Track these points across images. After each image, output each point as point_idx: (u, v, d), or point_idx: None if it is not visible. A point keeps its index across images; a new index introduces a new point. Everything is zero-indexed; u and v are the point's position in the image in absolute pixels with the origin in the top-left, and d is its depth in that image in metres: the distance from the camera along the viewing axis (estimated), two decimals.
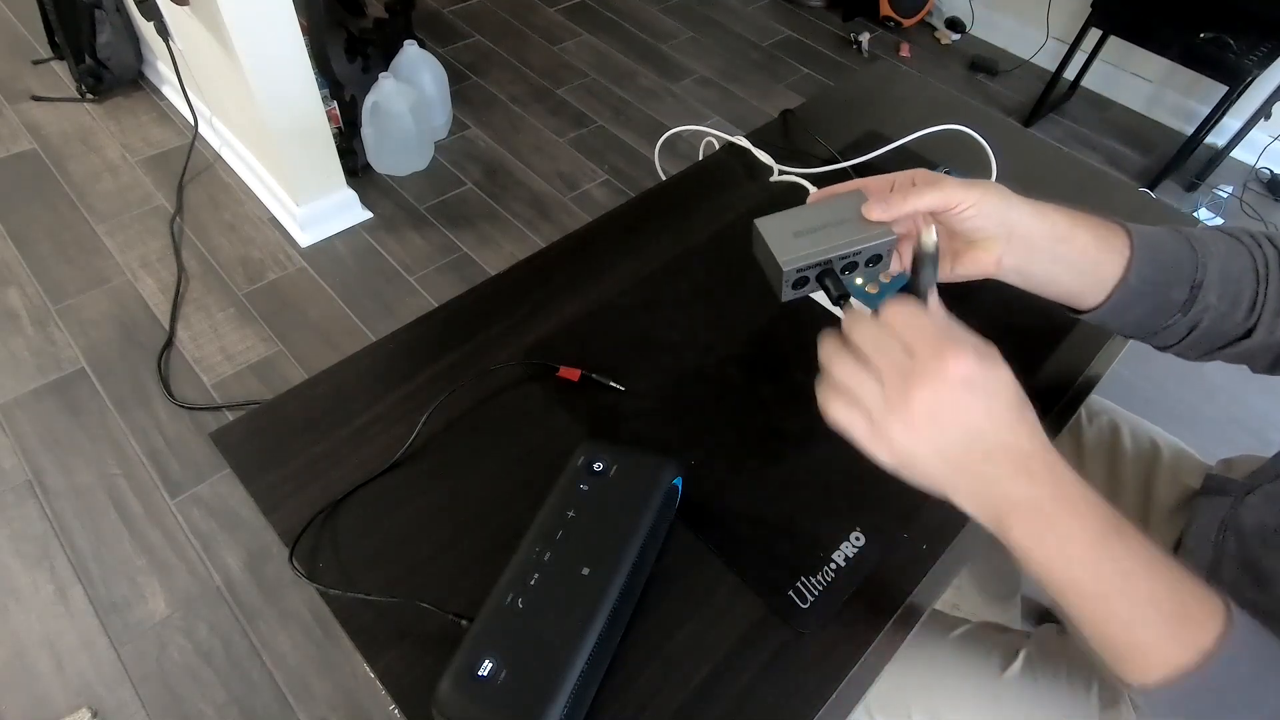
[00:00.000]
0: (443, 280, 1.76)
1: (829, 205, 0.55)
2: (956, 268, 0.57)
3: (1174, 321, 0.56)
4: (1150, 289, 0.55)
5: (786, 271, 0.53)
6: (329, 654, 1.20)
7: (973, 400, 0.41)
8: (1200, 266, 0.55)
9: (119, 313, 1.61)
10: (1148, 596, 0.42)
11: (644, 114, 2.27)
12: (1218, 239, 0.56)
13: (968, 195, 0.52)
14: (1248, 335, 0.56)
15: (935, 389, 0.41)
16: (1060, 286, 0.56)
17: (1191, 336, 0.57)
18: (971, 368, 0.41)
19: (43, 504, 1.33)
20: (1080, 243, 0.54)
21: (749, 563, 0.56)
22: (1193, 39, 1.97)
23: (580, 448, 0.56)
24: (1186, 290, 0.55)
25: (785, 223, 0.54)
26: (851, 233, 0.53)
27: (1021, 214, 0.53)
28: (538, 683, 0.44)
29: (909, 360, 0.41)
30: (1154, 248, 0.54)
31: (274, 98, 1.57)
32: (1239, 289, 0.55)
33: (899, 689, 0.68)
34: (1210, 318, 0.55)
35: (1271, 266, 0.55)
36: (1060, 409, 0.71)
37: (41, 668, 1.16)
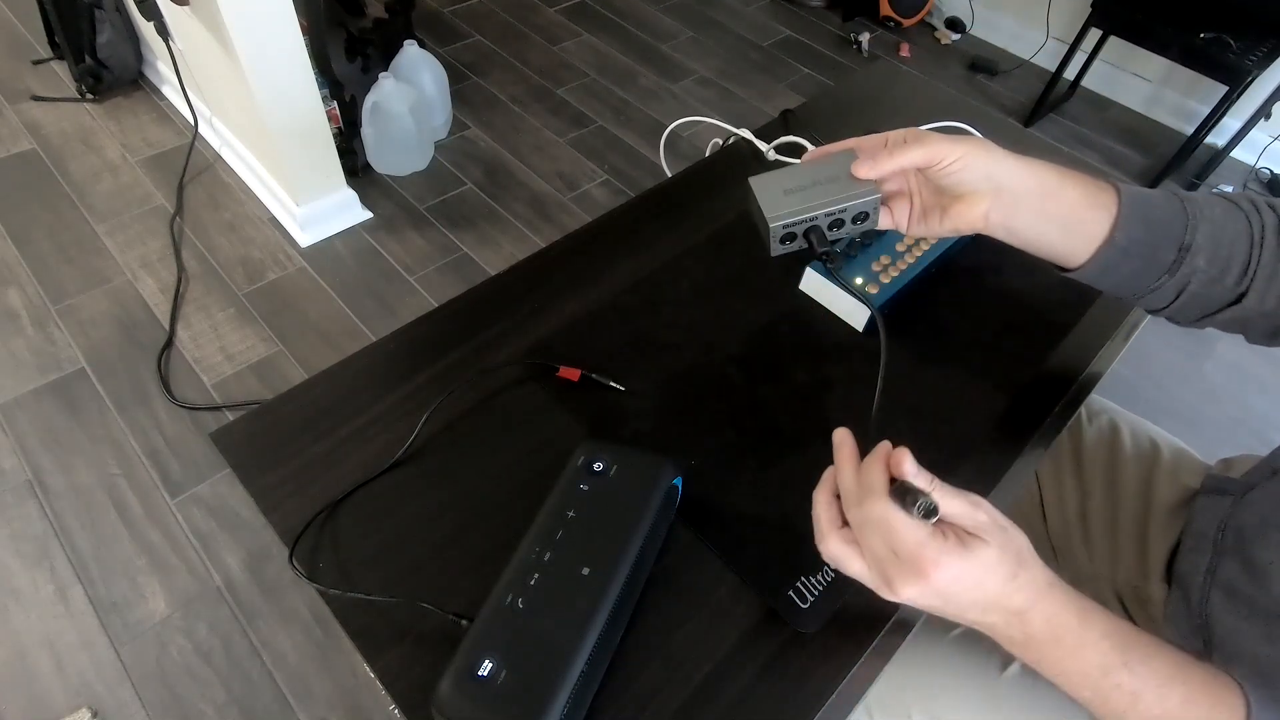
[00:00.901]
0: (443, 280, 1.76)
1: (822, 164, 0.56)
2: (944, 222, 0.57)
3: (1161, 283, 0.56)
4: (1137, 249, 0.55)
5: (774, 228, 0.55)
6: (329, 654, 1.20)
7: (966, 594, 0.44)
8: (1190, 229, 0.54)
9: (119, 313, 1.61)
10: (1160, 714, 0.44)
11: (644, 114, 2.27)
12: (1215, 204, 0.56)
13: (954, 150, 0.52)
14: (1238, 301, 0.56)
15: (920, 590, 0.44)
16: (1047, 243, 0.56)
17: (1180, 299, 0.57)
18: (954, 573, 0.43)
19: (43, 504, 1.33)
20: (1067, 199, 0.54)
21: (749, 563, 0.56)
22: (1193, 39, 1.97)
23: (580, 448, 0.56)
24: (1174, 252, 0.55)
25: (777, 181, 0.56)
26: (838, 190, 0.54)
27: (1008, 169, 0.54)
28: (538, 683, 0.44)
29: (895, 559, 0.44)
30: (1144, 208, 0.54)
31: (274, 98, 1.57)
32: (1231, 254, 0.55)
33: (898, 689, 0.68)
34: (1199, 281, 0.55)
35: (1268, 233, 0.55)
36: (1061, 408, 0.71)
37: (41, 668, 1.16)
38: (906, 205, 0.59)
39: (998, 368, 0.71)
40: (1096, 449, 0.84)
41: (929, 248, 0.76)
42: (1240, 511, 0.63)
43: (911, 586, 0.44)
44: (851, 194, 0.54)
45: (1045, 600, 0.45)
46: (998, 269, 0.80)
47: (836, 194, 0.54)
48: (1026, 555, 0.46)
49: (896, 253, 0.75)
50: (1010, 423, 0.68)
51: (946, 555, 0.43)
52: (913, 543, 0.43)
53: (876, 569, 0.45)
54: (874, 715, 0.69)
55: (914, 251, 0.75)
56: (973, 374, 0.71)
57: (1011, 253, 0.82)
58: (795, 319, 0.73)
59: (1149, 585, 0.74)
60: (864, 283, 0.71)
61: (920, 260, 0.74)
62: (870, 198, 0.55)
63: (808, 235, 0.56)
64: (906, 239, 0.76)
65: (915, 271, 0.73)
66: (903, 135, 0.55)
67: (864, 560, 0.46)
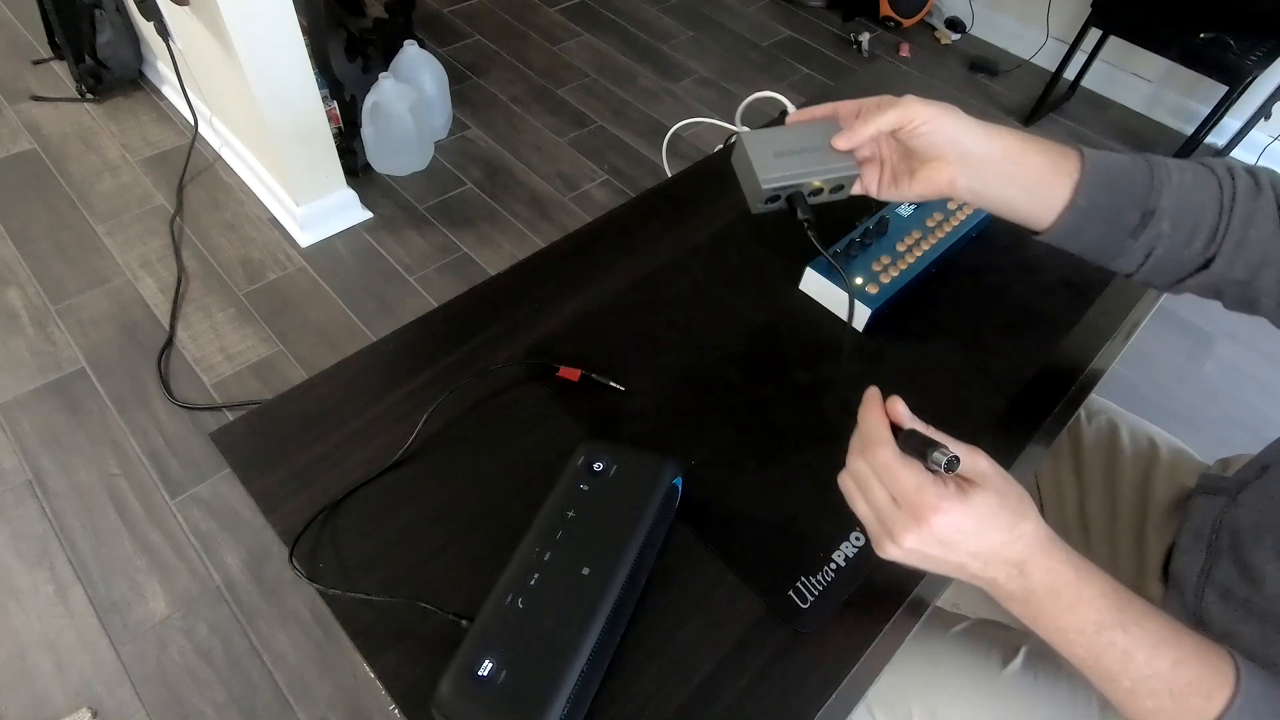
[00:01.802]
0: (443, 280, 1.76)
1: (807, 129, 0.61)
2: (914, 186, 0.59)
3: (1127, 247, 0.57)
4: (1100, 212, 0.56)
5: (764, 189, 0.58)
6: (329, 654, 1.20)
7: (965, 541, 0.45)
8: (1155, 193, 0.55)
9: (119, 313, 1.61)
10: (1150, 673, 0.44)
11: (644, 114, 2.27)
12: (1187, 169, 0.56)
13: (924, 111, 0.55)
14: (1206, 266, 0.56)
15: (920, 539, 0.45)
16: (1013, 207, 0.58)
17: (1149, 263, 0.57)
18: (954, 520, 0.44)
19: (43, 504, 1.33)
20: (1030, 163, 0.56)
21: (749, 563, 0.56)
22: (1193, 39, 1.97)
23: (580, 447, 0.56)
24: (1137, 216, 0.55)
25: (767, 142, 0.60)
26: (821, 161, 0.59)
27: (975, 134, 0.56)
28: (538, 683, 0.44)
29: (895, 508, 0.45)
30: (1108, 173, 0.55)
31: (274, 98, 1.57)
32: (1198, 219, 0.55)
33: (899, 685, 0.68)
34: (1164, 246, 0.56)
35: (1239, 199, 0.55)
36: (1061, 408, 0.71)
37: (41, 668, 1.16)
38: (877, 170, 0.61)
39: (998, 368, 0.71)
40: (1095, 448, 0.84)
41: (929, 248, 0.76)
42: (1234, 512, 0.63)
43: (912, 534, 0.44)
44: (832, 166, 0.59)
45: (1044, 553, 0.45)
46: (998, 269, 0.80)
47: (820, 164, 0.59)
48: (1025, 508, 0.46)
49: (897, 253, 0.75)
50: (1010, 423, 0.68)
51: (947, 501, 0.44)
52: (914, 488, 0.44)
53: (877, 520, 0.46)
54: (874, 712, 0.69)
55: (914, 251, 0.75)
56: (973, 374, 0.71)
57: (1012, 253, 0.82)
58: (795, 319, 0.73)
59: (1147, 585, 0.74)
60: (864, 283, 0.72)
61: (920, 260, 0.74)
62: (849, 173, 0.59)
63: (790, 200, 0.60)
64: (907, 239, 0.76)
65: (915, 271, 0.73)
66: (877, 101, 0.58)
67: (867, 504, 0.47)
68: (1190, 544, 0.66)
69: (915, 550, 0.45)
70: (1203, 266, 0.57)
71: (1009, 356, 0.73)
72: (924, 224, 0.78)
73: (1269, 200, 0.55)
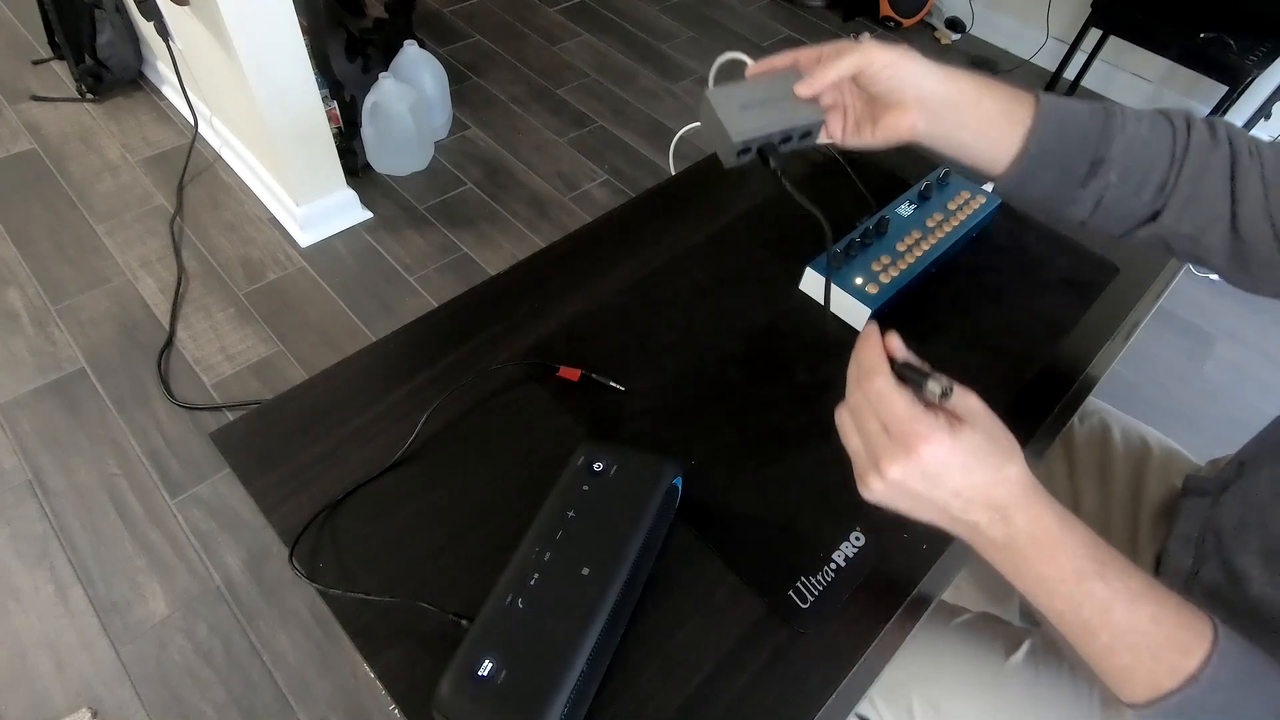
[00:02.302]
0: (443, 280, 1.76)
1: (770, 80, 0.61)
2: (877, 133, 0.59)
3: (1077, 195, 0.57)
4: (1050, 159, 0.56)
5: (734, 143, 0.59)
6: (329, 654, 1.20)
7: (950, 476, 0.44)
8: (1105, 142, 0.55)
9: (119, 313, 1.61)
10: (1129, 627, 0.43)
11: (644, 114, 2.27)
12: (1145, 119, 0.56)
13: (882, 56, 0.55)
14: (1154, 218, 0.57)
15: (906, 470, 0.44)
16: (969, 152, 0.58)
17: (1098, 212, 0.58)
18: (942, 453, 0.43)
19: (43, 504, 1.33)
20: (985, 109, 0.57)
21: (749, 563, 0.56)
22: (1193, 39, 1.97)
23: (580, 448, 0.56)
24: (1086, 164, 0.56)
25: (732, 97, 0.60)
26: (787, 110, 0.59)
27: (934, 78, 0.56)
28: (538, 683, 0.43)
29: (885, 436, 0.44)
30: (1061, 120, 0.56)
31: (274, 98, 1.57)
32: (1147, 169, 0.56)
33: (900, 676, 0.67)
34: (1112, 195, 0.56)
35: (1192, 151, 0.55)
36: (1060, 409, 0.71)
37: (41, 668, 1.16)
38: (841, 118, 0.62)
39: (997, 368, 0.71)
40: (1088, 449, 0.84)
41: (929, 248, 0.76)
42: (1218, 513, 0.63)
43: (899, 464, 0.44)
44: (798, 114, 0.60)
45: (1028, 499, 0.45)
46: (998, 269, 0.80)
47: (786, 113, 0.59)
48: (1013, 452, 0.46)
49: (896, 253, 0.75)
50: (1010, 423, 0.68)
51: (938, 432, 0.43)
52: (906, 417, 0.43)
53: (867, 452, 0.46)
54: (875, 703, 0.69)
55: (914, 251, 0.75)
56: (973, 374, 0.70)
57: (1012, 253, 0.82)
58: (795, 319, 0.73)
59: None
60: (864, 283, 0.72)
61: (920, 260, 0.74)
62: (815, 120, 0.60)
63: (761, 151, 0.61)
64: (907, 239, 0.76)
65: (915, 271, 0.73)
66: (836, 47, 0.58)
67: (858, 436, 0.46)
68: (1178, 547, 0.66)
69: (899, 483, 0.44)
70: (1151, 218, 0.57)
71: (1009, 357, 0.73)
72: (924, 224, 0.78)
73: (1223, 157, 0.55)
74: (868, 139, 0.61)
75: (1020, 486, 0.45)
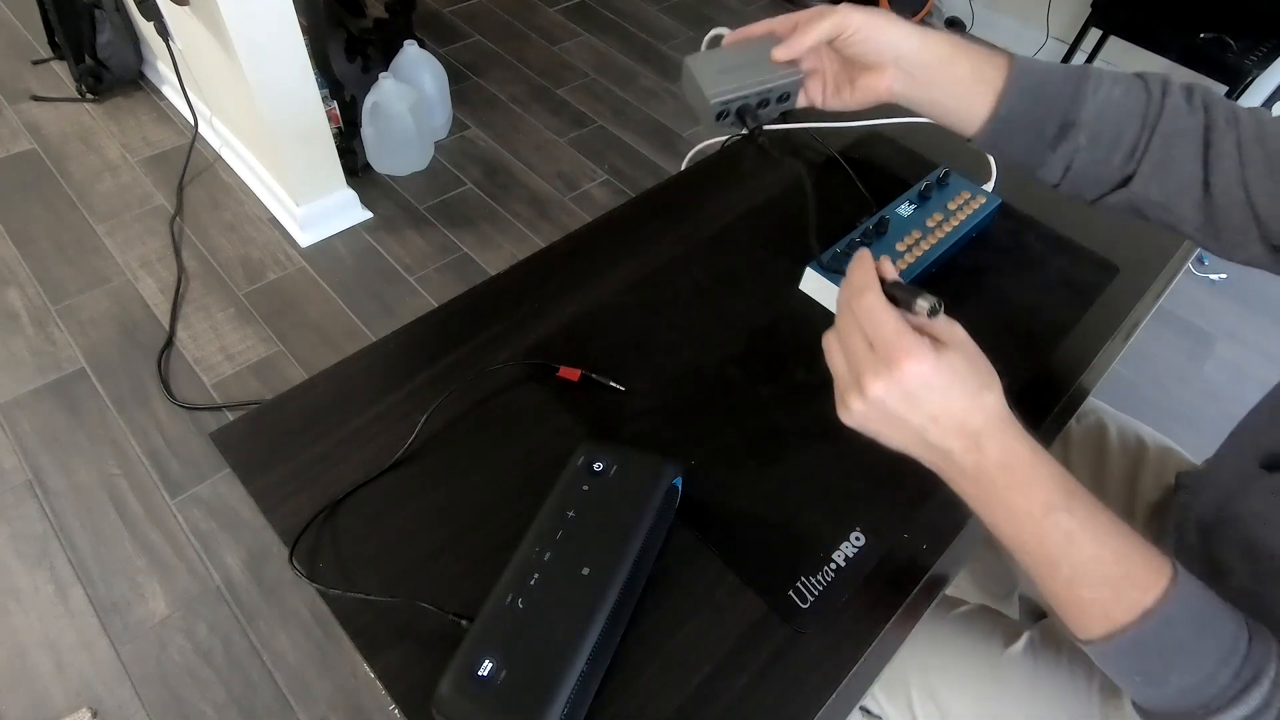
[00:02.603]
0: (443, 280, 1.76)
1: (747, 47, 0.62)
2: (855, 94, 0.61)
3: (1048, 158, 0.58)
4: (1021, 120, 0.57)
5: (712, 104, 0.60)
6: (329, 654, 1.20)
7: (930, 396, 0.44)
8: (1076, 105, 0.56)
9: (119, 313, 1.61)
10: (1091, 560, 0.44)
11: (644, 114, 2.27)
12: (1120, 82, 0.57)
13: (857, 18, 0.56)
14: (1125, 184, 0.57)
15: (888, 386, 0.44)
16: (943, 111, 0.60)
17: (1069, 175, 0.58)
18: (925, 370, 0.43)
19: (43, 504, 1.33)
20: (958, 70, 0.58)
21: (749, 563, 0.56)
22: (1193, 39, 1.97)
23: (580, 448, 0.56)
24: (1056, 127, 0.56)
25: (711, 61, 0.62)
26: (764, 72, 0.61)
27: (910, 38, 0.57)
28: (538, 683, 0.43)
29: (870, 353, 0.45)
30: (1034, 83, 0.56)
31: (274, 98, 1.57)
32: (1118, 133, 0.56)
33: (898, 666, 0.67)
34: (1082, 159, 0.57)
35: (1165, 117, 0.55)
36: (1060, 409, 0.71)
37: (41, 668, 1.16)
38: (820, 82, 0.64)
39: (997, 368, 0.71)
40: (1085, 448, 0.85)
41: (929, 248, 0.76)
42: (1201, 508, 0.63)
43: (881, 381, 0.44)
44: (775, 76, 0.61)
45: (1002, 429, 0.45)
46: (998, 269, 0.80)
47: (763, 75, 0.61)
48: (992, 380, 0.46)
49: (896, 253, 0.75)
50: None
51: (922, 349, 0.43)
52: (892, 332, 0.44)
53: (850, 371, 0.46)
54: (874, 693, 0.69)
55: (914, 251, 0.75)
56: None
57: (1012, 253, 0.82)
58: (795, 319, 0.73)
59: None
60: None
61: (920, 260, 0.74)
62: (793, 78, 0.61)
63: (740, 113, 0.62)
64: (907, 239, 0.76)
65: (915, 272, 0.74)
66: (813, 12, 0.59)
67: (842, 355, 0.47)
68: (1169, 544, 0.66)
69: (879, 402, 0.44)
70: (1121, 184, 0.57)
71: (1008, 357, 0.73)
72: (924, 224, 0.78)
73: (1197, 123, 0.55)
74: (846, 99, 0.62)
75: (996, 415, 0.45)
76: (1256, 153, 0.53)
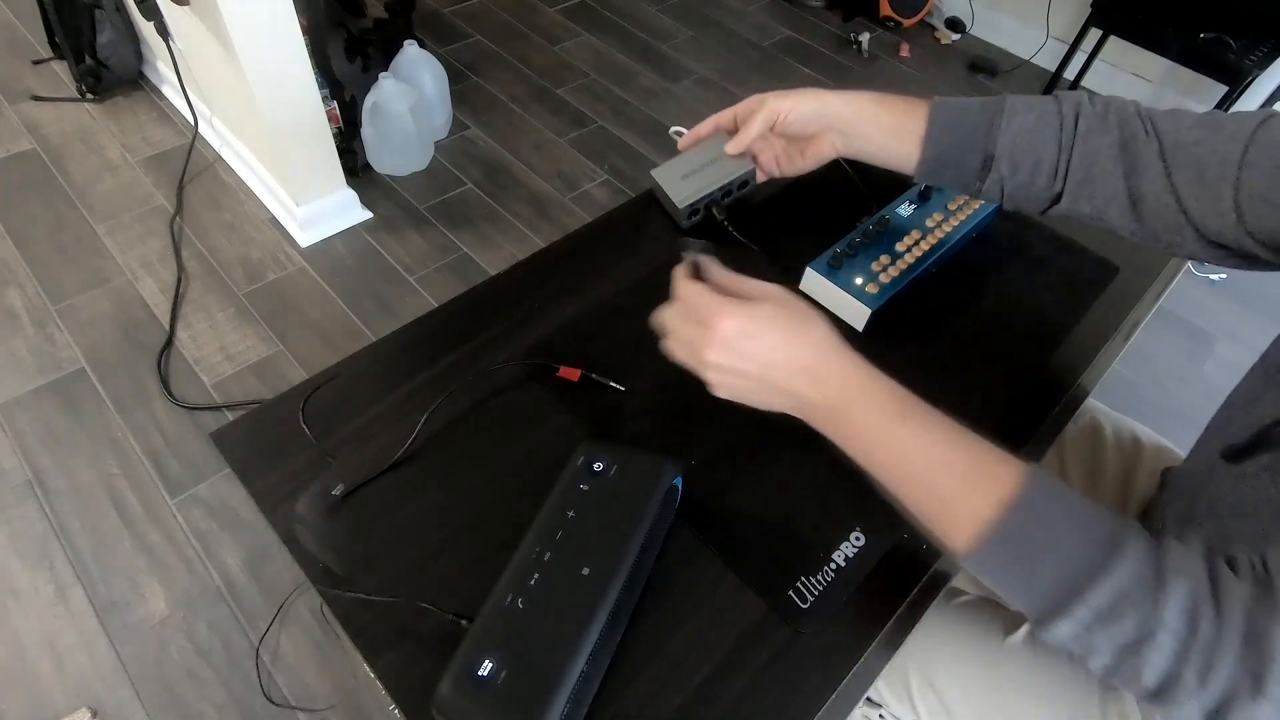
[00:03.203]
0: (443, 280, 1.76)
1: (702, 148, 0.74)
2: (806, 161, 0.71)
3: (980, 187, 0.65)
4: (947, 160, 0.64)
5: (683, 209, 0.74)
6: (329, 654, 1.20)
7: (753, 344, 0.49)
8: (990, 139, 0.62)
9: (119, 313, 1.61)
10: (944, 460, 0.47)
11: (644, 114, 2.27)
12: (1033, 109, 0.62)
13: (784, 103, 0.67)
14: (1056, 201, 0.63)
15: (716, 350, 0.49)
16: (883, 159, 0.68)
17: (1007, 198, 0.65)
18: (737, 323, 0.48)
19: (43, 504, 1.33)
20: (883, 123, 0.66)
21: (749, 563, 0.56)
22: (1193, 39, 1.97)
23: (580, 448, 0.56)
24: (979, 160, 0.63)
25: (674, 169, 0.75)
26: (721, 170, 0.73)
27: (836, 105, 0.67)
28: (538, 683, 0.43)
29: (698, 327, 0.50)
30: (950, 125, 0.64)
31: (274, 98, 1.57)
32: (1037, 159, 0.61)
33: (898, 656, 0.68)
34: (1011, 184, 0.63)
35: (1080, 137, 0.59)
36: (1060, 409, 0.71)
37: (41, 668, 1.16)
38: (774, 157, 0.74)
39: (998, 368, 0.71)
40: (1080, 446, 0.85)
41: (929, 248, 0.76)
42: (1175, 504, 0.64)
43: (710, 347, 0.49)
44: (732, 170, 0.73)
45: (837, 357, 0.49)
46: (998, 269, 0.80)
47: (721, 173, 0.73)
48: (814, 319, 0.50)
49: (896, 253, 0.75)
50: (1010, 423, 0.68)
51: (728, 305, 0.49)
52: (703, 302, 0.49)
53: (691, 354, 0.51)
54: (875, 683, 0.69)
55: (914, 251, 0.75)
56: (973, 374, 0.71)
57: (1012, 253, 0.82)
58: None
59: None
60: (864, 282, 0.71)
61: (920, 260, 0.74)
62: (746, 170, 0.73)
63: (708, 208, 0.74)
64: (907, 239, 0.76)
65: (915, 271, 0.73)
66: (745, 106, 0.70)
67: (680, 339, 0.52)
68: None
69: (718, 366, 0.49)
70: (1053, 201, 0.63)
71: (1009, 356, 0.73)
72: (924, 224, 0.78)
73: (1113, 139, 0.59)
74: (800, 165, 0.72)
75: (827, 347, 0.49)
76: (1180, 158, 0.56)
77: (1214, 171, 0.54)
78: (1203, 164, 0.55)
